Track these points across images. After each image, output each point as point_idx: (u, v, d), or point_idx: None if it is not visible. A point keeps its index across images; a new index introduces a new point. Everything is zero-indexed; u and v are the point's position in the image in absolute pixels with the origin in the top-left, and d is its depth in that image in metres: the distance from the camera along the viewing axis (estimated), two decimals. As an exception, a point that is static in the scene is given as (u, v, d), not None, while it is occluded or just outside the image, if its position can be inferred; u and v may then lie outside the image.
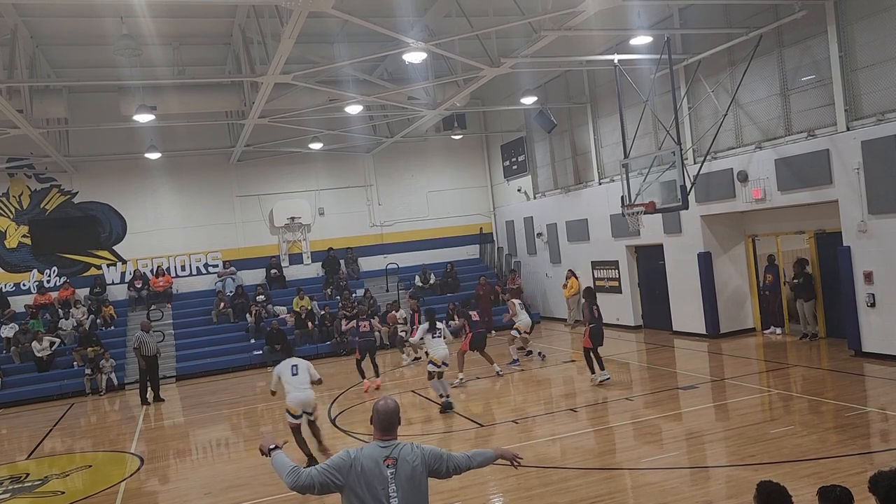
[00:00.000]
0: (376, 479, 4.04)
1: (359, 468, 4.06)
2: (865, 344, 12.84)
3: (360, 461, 4.09)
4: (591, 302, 13.17)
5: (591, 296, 13.37)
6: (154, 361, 16.61)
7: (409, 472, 4.11)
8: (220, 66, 18.85)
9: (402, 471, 4.09)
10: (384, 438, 4.21)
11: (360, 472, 4.05)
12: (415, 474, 4.13)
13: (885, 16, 12.01)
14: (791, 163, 13.91)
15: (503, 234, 26.09)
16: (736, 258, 16.76)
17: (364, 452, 4.15)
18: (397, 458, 4.12)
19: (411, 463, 4.14)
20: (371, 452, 4.14)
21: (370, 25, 11.82)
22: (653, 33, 14.50)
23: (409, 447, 4.22)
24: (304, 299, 21.73)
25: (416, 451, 4.21)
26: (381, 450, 4.15)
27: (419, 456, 4.20)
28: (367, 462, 4.09)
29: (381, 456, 4.11)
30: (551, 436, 10.31)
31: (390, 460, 4.10)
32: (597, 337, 12.99)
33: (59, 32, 15.90)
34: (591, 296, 13.37)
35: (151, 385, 16.45)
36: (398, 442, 4.23)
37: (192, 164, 22.87)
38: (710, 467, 8.39)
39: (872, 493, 3.81)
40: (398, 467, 4.09)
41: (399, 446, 4.19)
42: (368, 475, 4.04)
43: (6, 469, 11.66)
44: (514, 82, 20.31)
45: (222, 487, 9.49)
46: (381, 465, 4.08)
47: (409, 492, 4.08)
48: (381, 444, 4.19)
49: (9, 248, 21.75)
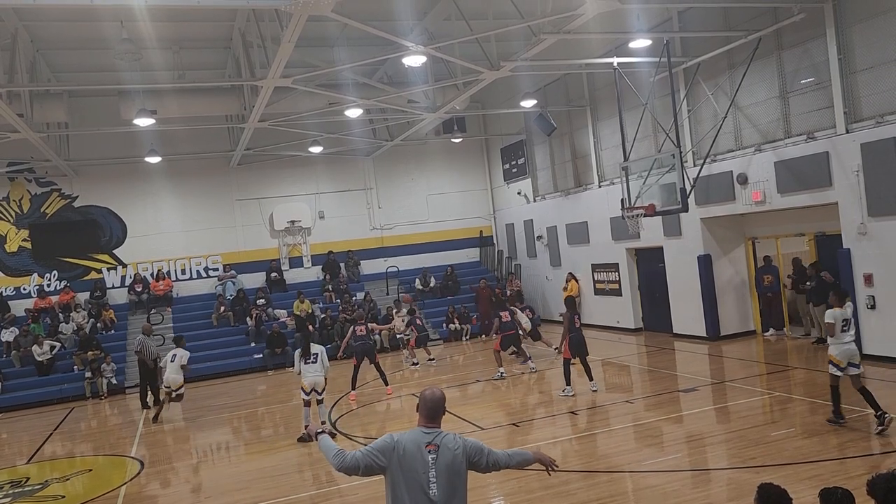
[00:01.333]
0: (417, 463, 4.13)
1: (401, 451, 4.16)
2: (866, 346, 12.81)
3: (402, 444, 4.19)
4: (573, 311, 13.02)
5: (572, 305, 13.22)
6: (154, 365, 16.61)
7: (450, 459, 4.19)
8: (220, 69, 18.88)
9: (443, 458, 4.17)
10: (428, 425, 4.30)
11: (402, 455, 4.15)
12: (455, 462, 4.20)
13: (884, 18, 12.03)
14: (791, 165, 13.92)
15: (503, 237, 26.10)
16: (736, 260, 16.76)
17: (407, 437, 4.25)
18: (439, 444, 4.21)
19: (452, 451, 4.22)
20: (414, 437, 4.24)
21: (370, 29, 11.85)
22: (652, 36, 14.51)
23: (451, 436, 4.30)
24: (304, 303, 21.74)
25: (458, 441, 4.30)
26: (425, 435, 4.24)
27: (461, 446, 4.28)
28: (410, 446, 4.19)
29: (424, 441, 4.21)
30: (552, 438, 10.31)
31: (432, 446, 4.19)
32: (577, 347, 12.79)
33: (59, 37, 15.94)
34: (572, 305, 13.22)
35: (151, 389, 16.44)
36: (441, 430, 4.31)
37: (192, 167, 22.88)
38: (711, 470, 8.38)
39: (871, 495, 3.82)
40: (439, 454, 4.17)
41: (442, 434, 4.27)
42: (410, 459, 4.14)
43: (7, 473, 11.66)
44: (513, 85, 20.33)
45: (222, 491, 9.48)
46: (423, 449, 4.17)
47: (448, 479, 4.15)
48: (424, 430, 4.28)
49: (9, 252, 21.76)
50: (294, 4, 10.16)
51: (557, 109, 20.72)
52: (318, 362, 11.50)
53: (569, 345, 12.76)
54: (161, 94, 16.32)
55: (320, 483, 9.47)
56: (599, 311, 20.73)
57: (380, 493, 8.69)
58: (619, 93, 15.68)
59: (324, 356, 11.63)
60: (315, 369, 11.49)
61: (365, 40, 15.47)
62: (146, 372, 16.41)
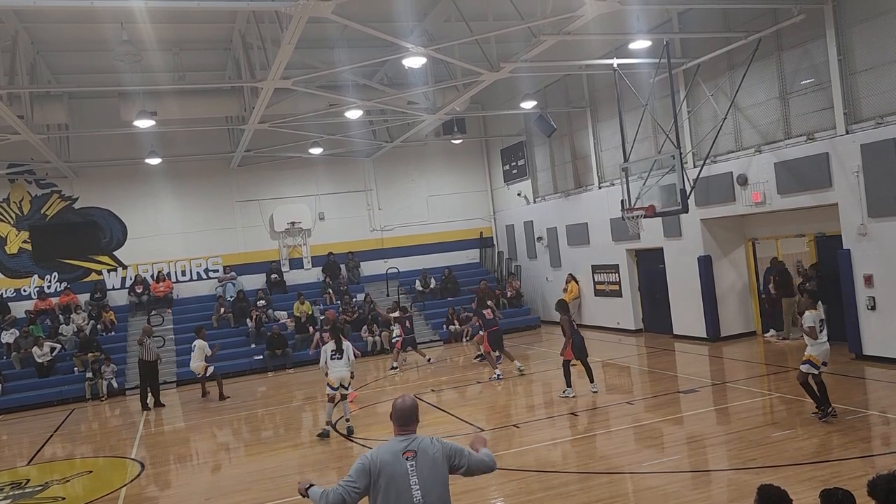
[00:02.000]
0: (398, 473, 4.12)
1: (377, 467, 4.14)
2: (866, 347, 12.83)
3: (378, 459, 4.17)
4: (568, 314, 12.90)
5: (566, 308, 13.10)
6: (154, 366, 16.62)
7: (430, 463, 4.17)
8: (221, 71, 18.89)
9: (423, 462, 4.16)
10: (403, 432, 4.28)
11: (379, 471, 4.12)
12: (436, 465, 4.18)
13: (884, 19, 12.02)
14: (790, 166, 13.92)
15: (503, 238, 26.09)
16: (736, 261, 16.76)
17: (381, 449, 4.24)
18: (416, 450, 4.19)
19: (431, 455, 4.20)
20: (390, 447, 4.23)
21: (370, 30, 11.85)
22: (652, 37, 14.52)
23: (428, 440, 4.29)
24: (304, 304, 21.73)
25: (435, 444, 4.28)
26: (400, 443, 4.23)
27: (439, 449, 4.27)
28: (386, 456, 4.17)
29: (400, 449, 4.19)
30: (552, 440, 10.31)
31: (409, 453, 4.17)
32: (579, 350, 12.72)
33: (59, 38, 15.95)
34: (566, 308, 13.10)
35: (152, 390, 16.45)
36: (417, 436, 4.29)
37: (192, 169, 22.89)
38: (712, 471, 8.38)
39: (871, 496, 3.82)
40: (418, 459, 4.16)
41: (418, 439, 4.26)
42: (389, 470, 4.12)
43: (7, 475, 11.65)
44: (513, 86, 20.34)
45: (223, 493, 9.48)
46: (400, 458, 4.16)
47: (430, 483, 4.13)
48: (400, 438, 4.27)
49: (9, 254, 21.77)
50: (294, 6, 10.17)
51: (557, 110, 20.71)
52: (343, 357, 11.76)
53: (571, 347, 12.69)
54: (161, 95, 16.32)
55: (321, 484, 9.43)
56: (599, 312, 20.73)
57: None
58: (618, 94, 15.68)
59: (350, 351, 11.94)
60: (341, 364, 11.75)
61: (365, 42, 15.49)
62: (146, 372, 16.42)
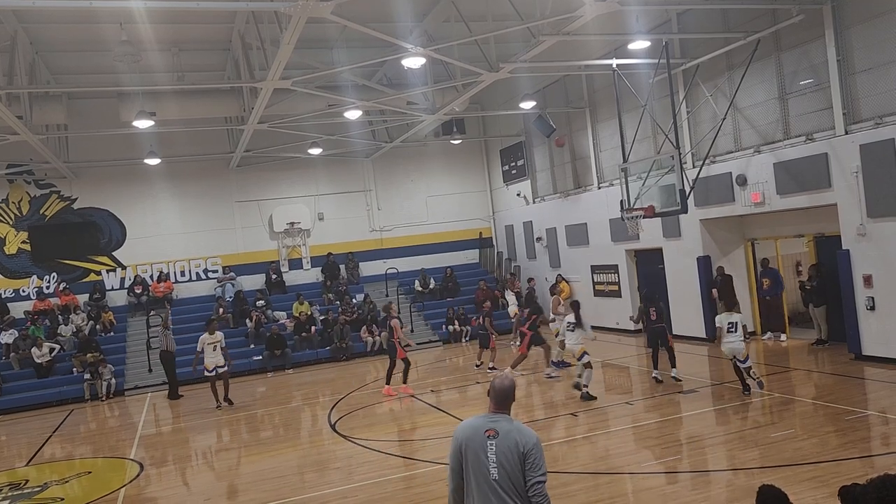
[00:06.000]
0: (479, 447, 4.21)
1: (465, 442, 4.27)
2: (865, 347, 12.84)
3: (464, 434, 4.30)
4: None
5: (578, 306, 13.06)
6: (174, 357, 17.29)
7: (511, 446, 4.18)
8: (220, 71, 18.88)
9: (502, 443, 4.20)
10: (493, 412, 4.36)
11: (465, 445, 4.26)
12: (511, 452, 4.18)
13: (883, 20, 12.03)
14: (790, 167, 13.93)
15: (503, 238, 26.09)
16: (735, 262, 16.76)
17: (469, 423, 4.37)
18: (499, 430, 4.24)
19: (513, 439, 4.21)
20: (474, 422, 4.34)
21: (369, 31, 11.85)
22: (651, 38, 14.53)
23: (516, 430, 4.26)
24: (303, 304, 21.72)
25: (521, 439, 4.22)
26: (486, 421, 4.31)
27: (523, 444, 4.20)
28: (468, 431, 4.30)
29: (484, 426, 4.28)
30: (552, 440, 10.30)
31: (491, 431, 4.23)
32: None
33: (58, 39, 15.93)
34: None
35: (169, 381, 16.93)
36: (505, 418, 4.33)
37: (191, 169, 22.88)
38: (711, 471, 8.38)
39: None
40: (498, 439, 4.21)
41: (504, 422, 4.29)
42: (471, 443, 4.25)
43: (6, 475, 11.64)
44: (513, 87, 20.36)
45: (222, 493, 9.47)
46: (482, 433, 4.24)
47: (507, 464, 4.15)
48: (488, 416, 4.34)
49: (8, 255, 21.75)
50: (293, 6, 10.16)
51: (557, 111, 20.72)
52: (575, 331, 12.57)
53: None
54: (160, 95, 16.32)
55: (321, 485, 9.44)
56: (599, 312, 20.71)
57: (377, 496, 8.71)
58: (618, 94, 15.69)
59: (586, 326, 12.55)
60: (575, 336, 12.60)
61: (364, 42, 15.49)
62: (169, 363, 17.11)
